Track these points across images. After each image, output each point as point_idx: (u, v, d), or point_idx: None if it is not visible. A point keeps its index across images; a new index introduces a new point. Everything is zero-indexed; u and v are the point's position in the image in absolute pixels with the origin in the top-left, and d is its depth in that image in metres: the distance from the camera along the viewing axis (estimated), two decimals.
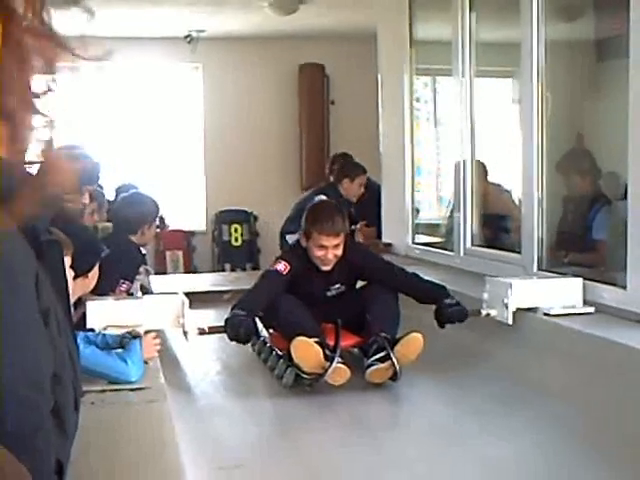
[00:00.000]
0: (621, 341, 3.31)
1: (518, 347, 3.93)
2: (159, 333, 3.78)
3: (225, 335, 3.82)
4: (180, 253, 9.68)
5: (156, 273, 7.44)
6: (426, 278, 4.28)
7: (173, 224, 9.56)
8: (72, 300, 3.33)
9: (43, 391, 1.64)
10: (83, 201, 4.22)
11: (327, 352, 3.75)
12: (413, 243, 6.41)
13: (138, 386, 2.86)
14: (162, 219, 9.64)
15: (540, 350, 3.81)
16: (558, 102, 4.94)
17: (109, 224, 4.89)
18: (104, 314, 3.42)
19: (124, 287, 4.12)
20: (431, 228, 6.93)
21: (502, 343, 4.02)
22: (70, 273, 2.98)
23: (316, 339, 3.78)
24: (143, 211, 4.51)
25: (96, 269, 3.45)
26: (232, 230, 9.82)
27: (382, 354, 3.78)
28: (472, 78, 5.51)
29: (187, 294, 3.82)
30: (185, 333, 3.64)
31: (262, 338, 4.39)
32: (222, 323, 3.82)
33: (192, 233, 9.87)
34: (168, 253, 9.63)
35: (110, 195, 5.94)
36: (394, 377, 3.79)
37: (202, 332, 3.75)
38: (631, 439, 2.97)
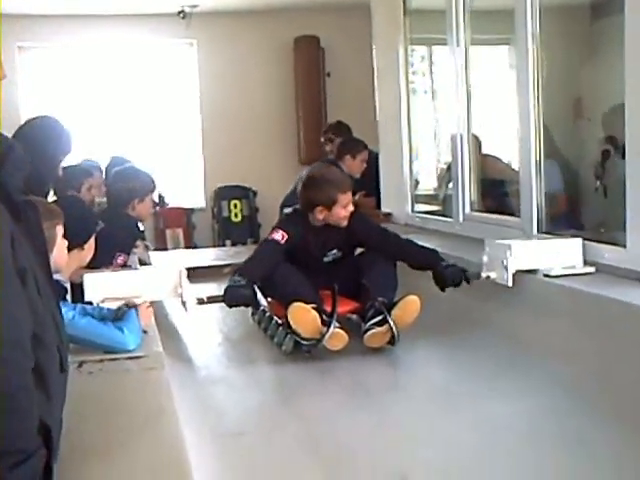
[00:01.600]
0: (621, 298, 3.28)
1: (518, 309, 3.91)
2: (158, 305, 3.80)
3: (224, 304, 3.83)
4: (180, 230, 9.67)
5: (156, 250, 7.43)
6: (420, 243, 4.29)
7: (172, 202, 9.53)
8: (69, 272, 3.33)
9: (24, 350, 1.63)
10: (59, 172, 4.19)
11: (324, 317, 3.75)
12: (413, 212, 6.40)
13: (136, 354, 2.85)
14: (161, 197, 9.65)
15: (540, 311, 3.78)
16: (554, 67, 4.90)
17: (103, 199, 4.89)
18: (102, 286, 3.40)
19: (120, 260, 4.11)
20: (430, 198, 6.91)
21: (502, 305, 4.01)
22: (64, 242, 2.98)
23: (313, 305, 3.78)
24: (134, 185, 4.50)
25: (92, 241, 3.44)
26: (232, 206, 9.80)
27: (379, 318, 3.78)
28: (467, 46, 5.46)
29: (187, 269, 3.80)
30: (184, 303, 3.63)
31: (262, 307, 4.39)
32: (221, 293, 3.83)
33: (191, 210, 9.86)
34: (168, 231, 9.62)
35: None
36: (392, 341, 3.79)
37: (201, 302, 3.74)
38: (633, 393, 2.96)
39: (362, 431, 2.95)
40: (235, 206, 9.80)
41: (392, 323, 3.75)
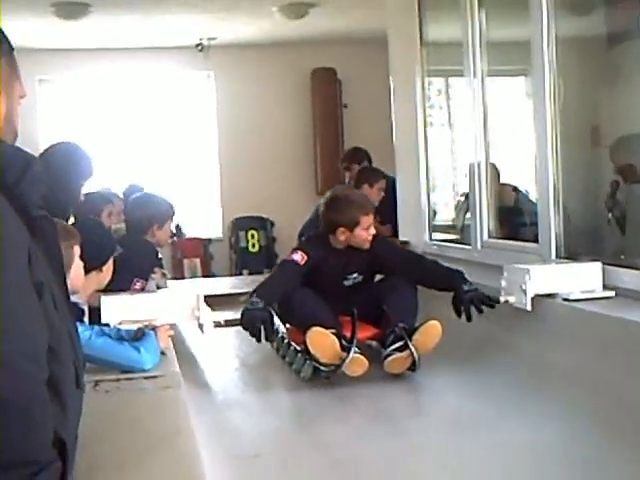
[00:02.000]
0: None
1: (537, 333, 3.86)
2: (175, 331, 3.77)
3: (242, 328, 3.80)
4: (197, 260, 9.69)
5: (173, 279, 7.43)
6: (445, 264, 4.26)
7: (190, 232, 9.58)
8: (87, 295, 3.33)
9: (38, 362, 1.62)
10: (81, 197, 4.23)
11: (344, 343, 3.71)
12: (430, 240, 6.37)
13: (152, 374, 2.82)
14: (179, 227, 9.70)
15: (560, 335, 3.74)
16: (571, 96, 4.89)
17: (122, 225, 4.90)
18: (119, 309, 3.40)
19: (138, 286, 4.10)
20: (447, 227, 6.90)
21: (521, 330, 3.96)
22: (80, 263, 2.98)
23: (332, 330, 3.75)
24: (152, 211, 4.50)
25: (110, 264, 3.44)
26: (249, 236, 9.82)
27: (400, 343, 3.74)
28: (483, 78, 5.47)
29: (205, 297, 3.78)
30: (201, 326, 3.61)
31: (280, 334, 4.37)
32: (238, 317, 3.81)
33: (209, 240, 9.88)
34: (186, 261, 9.64)
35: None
36: (413, 367, 3.75)
37: (218, 325, 3.72)
38: None
39: (383, 457, 2.91)
40: (252, 236, 9.82)
41: (413, 348, 3.71)
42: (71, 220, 4.18)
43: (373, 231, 4.13)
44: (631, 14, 4.25)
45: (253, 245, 9.82)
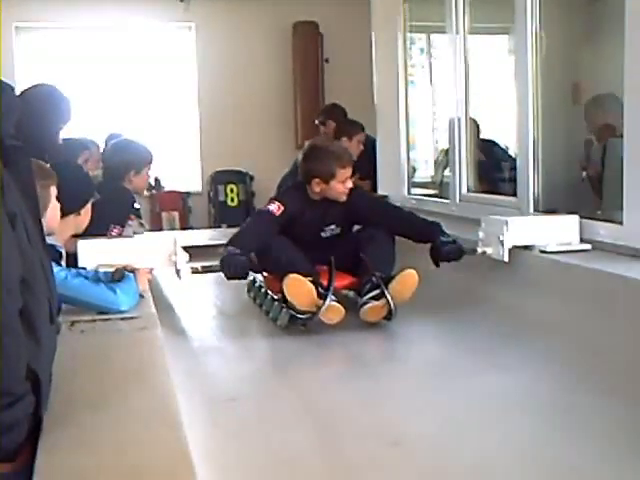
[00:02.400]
0: (616, 272, 3.27)
1: (514, 284, 3.90)
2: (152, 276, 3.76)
3: (221, 274, 3.78)
4: (176, 214, 9.64)
5: (151, 231, 7.39)
6: (421, 216, 4.26)
7: (168, 185, 9.52)
8: (64, 238, 3.31)
9: (10, 291, 1.61)
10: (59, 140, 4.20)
11: (320, 290, 3.72)
12: (409, 194, 6.38)
13: (129, 315, 2.83)
14: (157, 180, 9.64)
15: (536, 287, 3.78)
16: (552, 53, 4.88)
17: (99, 172, 4.85)
18: (96, 252, 3.39)
19: (115, 232, 4.07)
20: (427, 184, 6.91)
21: (498, 281, 4.00)
22: (57, 205, 2.96)
23: (309, 278, 3.75)
24: (130, 157, 4.47)
25: (88, 207, 3.41)
26: (228, 190, 9.76)
27: (376, 292, 3.76)
28: (466, 35, 5.44)
29: (184, 248, 3.77)
30: (178, 271, 3.61)
31: (257, 283, 4.37)
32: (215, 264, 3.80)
33: (188, 194, 9.81)
34: (164, 214, 9.58)
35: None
36: (389, 316, 3.76)
37: (195, 271, 3.72)
38: (625, 365, 2.95)
39: (355, 399, 2.93)
40: (232, 190, 9.77)
41: (389, 297, 3.71)
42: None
43: (350, 184, 4.09)
44: None
45: (232, 199, 9.77)
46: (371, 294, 3.77)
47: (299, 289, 3.69)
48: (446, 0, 5.45)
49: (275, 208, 4.03)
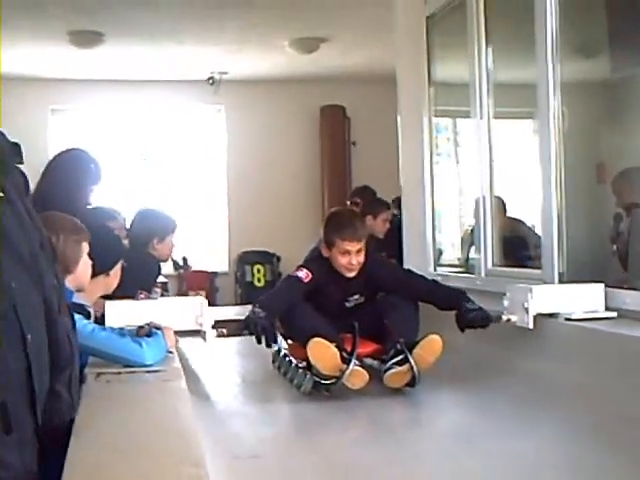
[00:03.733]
0: None
1: (539, 352, 3.88)
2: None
3: (245, 331, 3.80)
4: (203, 293, 9.69)
5: None
6: (446, 284, 4.27)
7: (196, 265, 9.61)
8: (94, 298, 3.36)
9: None
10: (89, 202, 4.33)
11: (345, 355, 3.72)
12: (435, 271, 6.39)
13: (154, 369, 2.85)
14: (185, 260, 9.72)
15: (561, 354, 3.76)
16: (575, 135, 4.96)
17: (125, 242, 4.94)
18: (123, 313, 3.43)
19: (142, 297, 4.13)
20: (453, 265, 6.92)
21: (523, 349, 3.98)
22: (88, 261, 3.02)
23: (334, 343, 3.75)
24: (153, 224, 4.57)
25: (117, 269, 3.48)
26: (255, 271, 9.86)
27: (400, 357, 3.74)
28: (490, 119, 5.53)
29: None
30: (203, 334, 3.64)
31: (282, 351, 4.37)
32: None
33: (215, 274, 9.92)
34: (191, 293, 9.64)
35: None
36: (412, 382, 3.73)
37: (221, 334, 3.75)
38: None
39: (378, 460, 2.90)
40: (258, 271, 9.86)
41: (413, 362, 3.69)
42: None
43: (354, 261, 4.06)
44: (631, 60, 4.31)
45: (259, 279, 9.86)
46: (395, 360, 3.76)
47: (323, 353, 3.70)
48: (470, 85, 5.57)
49: (304, 275, 4.07)
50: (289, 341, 4.25)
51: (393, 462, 2.89)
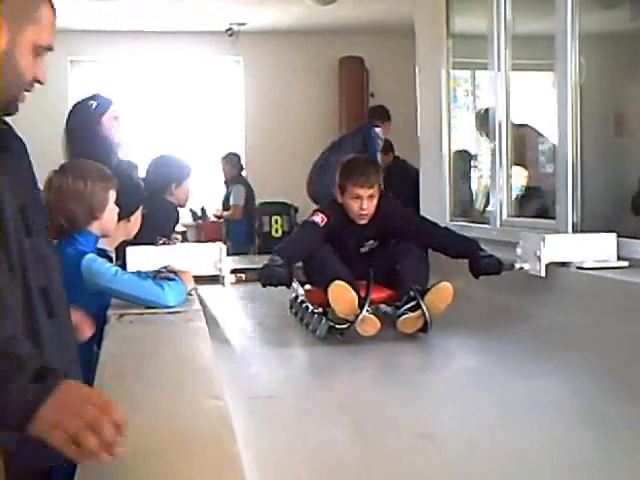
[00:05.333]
0: None
1: (550, 299, 3.95)
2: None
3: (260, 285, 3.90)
4: (221, 243, 9.79)
5: None
6: (459, 233, 4.34)
7: (213, 215, 9.72)
8: (115, 243, 3.45)
9: None
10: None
11: (360, 301, 3.81)
12: (451, 221, 6.45)
13: (175, 310, 2.95)
14: (203, 210, 9.84)
15: (572, 302, 3.83)
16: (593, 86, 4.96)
17: None
18: (143, 258, 3.52)
19: (161, 244, 4.22)
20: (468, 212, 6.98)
21: (535, 297, 4.05)
22: (115, 208, 3.10)
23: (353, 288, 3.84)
24: (170, 170, 4.64)
25: (138, 215, 3.55)
26: (273, 222, 9.93)
27: (412, 303, 3.82)
28: (508, 72, 5.54)
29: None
30: (222, 278, 3.73)
31: (299, 298, 4.47)
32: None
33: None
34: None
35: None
36: (425, 327, 3.83)
37: (240, 280, 3.84)
38: None
39: (389, 399, 3.01)
40: (276, 222, 9.93)
41: (425, 308, 3.78)
42: None
43: (366, 207, 4.13)
44: None
45: (276, 230, 9.94)
46: (407, 306, 3.84)
47: (343, 296, 3.78)
48: (488, 36, 5.57)
49: (320, 219, 4.15)
50: (306, 286, 4.34)
51: (402, 402, 2.99)
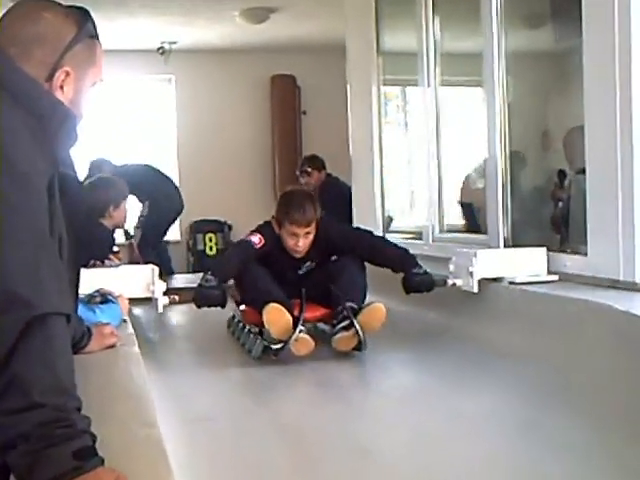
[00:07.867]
0: (581, 297, 3.39)
1: (483, 315, 4.01)
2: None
3: (195, 306, 3.89)
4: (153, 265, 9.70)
5: None
6: (396, 242, 4.37)
7: None
8: None
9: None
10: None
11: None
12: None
13: None
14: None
15: (505, 316, 3.89)
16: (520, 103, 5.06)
17: None
18: None
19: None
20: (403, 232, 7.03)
21: (468, 312, 4.10)
22: None
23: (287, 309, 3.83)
24: (105, 193, 4.58)
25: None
26: (207, 240, 9.88)
27: (346, 322, 3.83)
28: (437, 88, 5.63)
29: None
30: (156, 301, 3.69)
31: (236, 318, 4.45)
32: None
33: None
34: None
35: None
36: (359, 346, 3.83)
37: (173, 302, 3.81)
38: (595, 388, 3.03)
39: (326, 417, 3.02)
40: (210, 239, 9.88)
41: (358, 327, 3.79)
42: None
43: (301, 244, 4.15)
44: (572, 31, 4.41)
45: (211, 248, 9.88)
46: (342, 324, 3.85)
47: (278, 318, 3.77)
48: (417, 54, 5.65)
49: (257, 240, 4.13)
50: (242, 307, 4.32)
51: (338, 420, 2.99)
